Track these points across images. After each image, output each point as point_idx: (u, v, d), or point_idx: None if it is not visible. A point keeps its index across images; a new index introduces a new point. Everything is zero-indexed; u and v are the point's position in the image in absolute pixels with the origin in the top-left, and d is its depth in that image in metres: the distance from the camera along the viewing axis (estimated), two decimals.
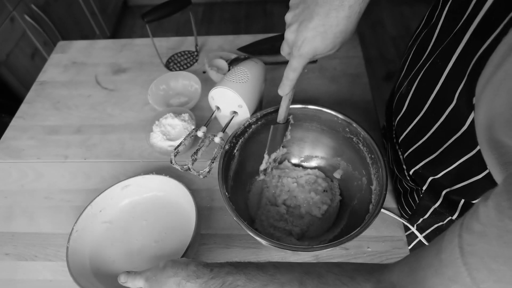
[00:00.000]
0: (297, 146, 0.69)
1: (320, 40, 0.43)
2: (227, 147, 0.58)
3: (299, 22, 0.44)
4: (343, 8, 0.41)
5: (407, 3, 2.38)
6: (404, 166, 0.58)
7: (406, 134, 0.53)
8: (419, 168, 0.52)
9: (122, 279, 0.45)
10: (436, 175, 0.49)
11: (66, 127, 0.82)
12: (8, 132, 0.83)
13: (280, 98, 0.57)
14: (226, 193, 0.54)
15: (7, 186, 0.73)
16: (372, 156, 0.56)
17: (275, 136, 0.62)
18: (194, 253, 0.60)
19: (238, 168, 0.63)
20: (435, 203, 0.53)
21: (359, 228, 0.48)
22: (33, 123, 0.84)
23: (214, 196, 0.68)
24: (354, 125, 0.58)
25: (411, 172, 0.56)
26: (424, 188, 0.54)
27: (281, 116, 0.59)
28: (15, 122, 0.84)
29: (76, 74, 0.93)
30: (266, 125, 0.62)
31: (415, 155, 0.52)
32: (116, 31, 2.41)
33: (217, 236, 0.63)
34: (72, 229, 0.58)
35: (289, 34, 0.46)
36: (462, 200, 0.49)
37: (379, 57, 2.12)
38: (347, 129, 0.60)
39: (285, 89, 0.53)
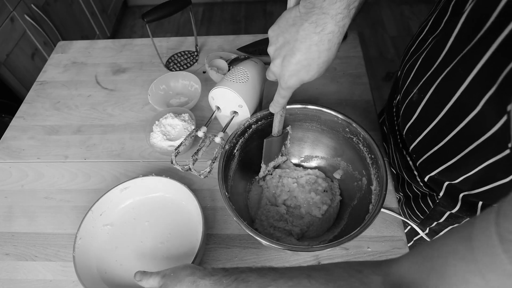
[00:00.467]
0: (297, 146, 0.69)
1: (305, 72, 0.45)
2: (227, 147, 0.58)
3: (282, 57, 0.46)
4: (322, 42, 0.42)
5: (407, 3, 2.37)
6: (416, 172, 0.58)
7: (419, 141, 0.53)
8: (435, 174, 0.52)
9: (137, 277, 0.47)
10: (454, 180, 0.48)
11: (66, 127, 0.82)
12: (8, 132, 0.83)
13: None
14: (226, 193, 0.54)
15: (7, 186, 0.74)
16: (372, 156, 0.56)
17: (270, 148, 0.63)
18: (202, 255, 0.60)
19: (238, 168, 0.63)
20: (453, 208, 0.53)
21: (359, 228, 0.48)
22: (33, 123, 0.84)
23: (214, 196, 0.68)
24: (354, 125, 0.58)
25: (425, 179, 0.55)
26: (441, 194, 0.54)
27: (275, 130, 0.60)
28: (15, 122, 0.84)
29: (76, 74, 0.93)
30: (267, 125, 0.62)
31: (430, 161, 0.52)
32: (116, 31, 2.41)
33: (217, 236, 0.63)
34: (76, 237, 0.58)
35: (274, 68, 0.48)
36: (480, 202, 0.48)
37: (379, 57, 2.12)
38: (347, 129, 0.60)
39: (276, 109, 0.56)
